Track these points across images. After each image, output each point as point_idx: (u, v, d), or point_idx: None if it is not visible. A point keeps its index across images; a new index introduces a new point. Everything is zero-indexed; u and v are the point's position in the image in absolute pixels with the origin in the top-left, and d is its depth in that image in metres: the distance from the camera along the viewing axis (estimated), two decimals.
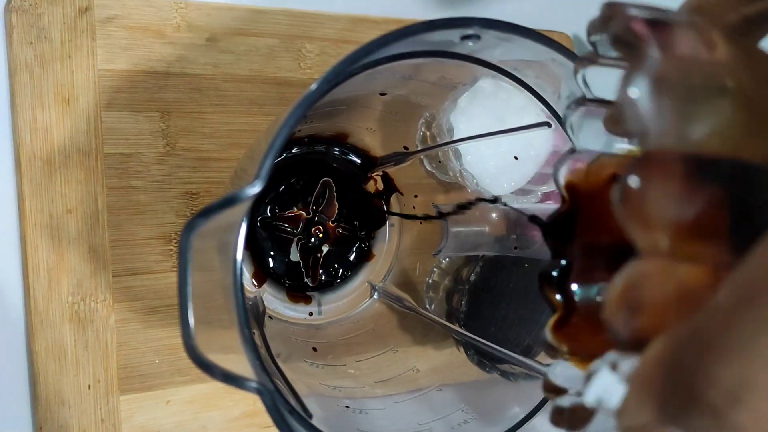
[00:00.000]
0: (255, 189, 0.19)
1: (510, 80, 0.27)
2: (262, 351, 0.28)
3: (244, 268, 0.37)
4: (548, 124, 0.26)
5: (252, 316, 0.32)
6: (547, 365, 0.33)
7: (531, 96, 0.26)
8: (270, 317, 0.35)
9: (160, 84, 0.38)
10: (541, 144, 0.32)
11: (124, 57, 0.37)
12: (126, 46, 0.37)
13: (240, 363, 0.21)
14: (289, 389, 0.25)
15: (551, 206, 0.34)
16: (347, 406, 0.27)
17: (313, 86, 0.19)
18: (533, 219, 0.31)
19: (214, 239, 0.22)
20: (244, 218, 0.21)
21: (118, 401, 0.36)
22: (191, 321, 0.18)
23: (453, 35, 0.22)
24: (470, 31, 0.22)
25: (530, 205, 0.34)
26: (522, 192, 0.35)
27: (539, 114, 0.28)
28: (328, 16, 0.41)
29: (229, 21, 0.39)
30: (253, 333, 0.30)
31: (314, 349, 0.34)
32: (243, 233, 0.21)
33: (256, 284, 0.37)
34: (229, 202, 0.19)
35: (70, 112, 0.36)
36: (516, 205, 0.34)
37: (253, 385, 0.19)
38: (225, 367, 0.19)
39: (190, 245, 0.18)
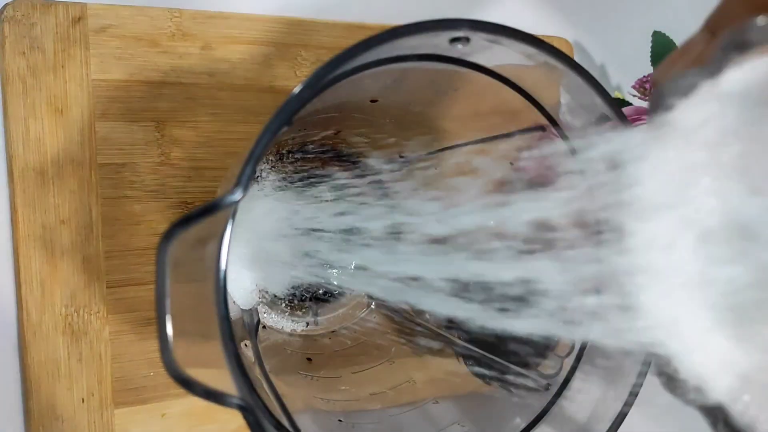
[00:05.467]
0: (236, 196, 0.19)
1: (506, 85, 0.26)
2: (254, 363, 0.28)
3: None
4: (542, 128, 0.26)
5: (245, 327, 0.31)
6: (549, 375, 0.32)
7: None
8: (264, 327, 0.35)
9: (154, 93, 0.37)
10: None
11: (118, 66, 0.37)
12: (120, 56, 0.37)
13: (224, 378, 0.20)
14: (279, 404, 0.24)
15: None
16: (340, 420, 0.26)
17: (295, 91, 0.19)
18: None
19: (200, 248, 0.22)
20: (229, 226, 0.20)
21: (112, 415, 0.35)
22: (170, 334, 0.18)
23: (441, 38, 0.21)
24: (459, 34, 0.21)
25: None
26: None
27: None
28: (323, 23, 0.41)
29: (224, 29, 0.39)
30: (245, 344, 0.30)
31: (309, 360, 0.34)
32: (227, 241, 0.20)
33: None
34: (209, 210, 0.18)
35: (63, 122, 0.35)
36: None
37: (235, 401, 0.18)
38: (207, 382, 0.19)
39: (168, 255, 0.18)
